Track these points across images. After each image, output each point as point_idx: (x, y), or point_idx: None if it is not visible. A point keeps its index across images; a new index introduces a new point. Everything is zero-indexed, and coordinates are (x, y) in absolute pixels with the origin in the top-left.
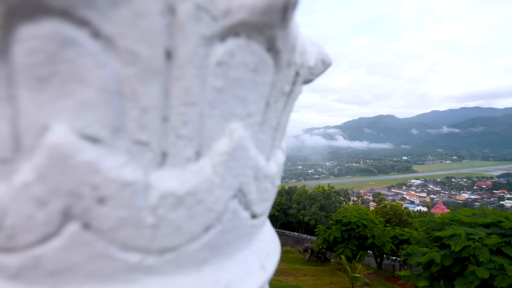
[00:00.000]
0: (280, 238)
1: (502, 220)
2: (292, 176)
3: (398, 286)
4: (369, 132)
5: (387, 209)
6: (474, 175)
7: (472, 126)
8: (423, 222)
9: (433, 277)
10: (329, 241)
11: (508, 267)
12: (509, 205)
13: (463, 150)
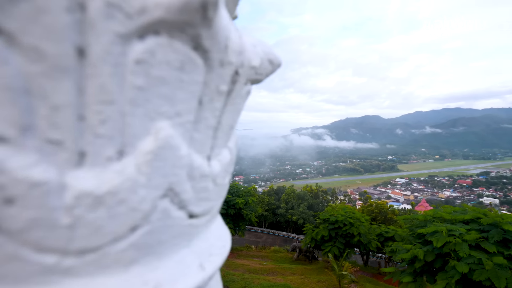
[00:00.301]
0: (268, 237)
1: (480, 216)
2: (280, 176)
3: (384, 282)
4: (356, 132)
5: (373, 208)
6: (455, 174)
7: (453, 127)
8: (407, 219)
9: (416, 272)
10: (317, 240)
11: (485, 261)
12: (487, 202)
13: (445, 149)
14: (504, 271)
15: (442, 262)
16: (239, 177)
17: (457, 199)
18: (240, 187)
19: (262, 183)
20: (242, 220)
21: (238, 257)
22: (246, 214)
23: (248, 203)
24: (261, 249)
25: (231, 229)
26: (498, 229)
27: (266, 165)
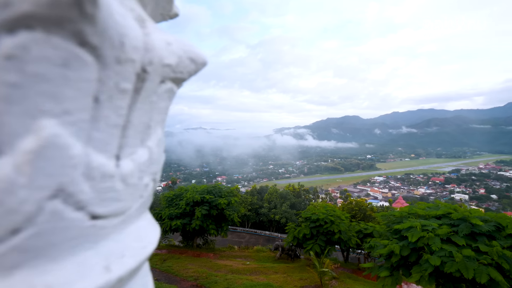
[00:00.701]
0: (251, 237)
1: (451, 211)
2: (263, 175)
3: (363, 278)
4: (337, 132)
5: (353, 205)
6: (429, 172)
7: (427, 127)
8: (384, 216)
9: (393, 267)
10: (299, 238)
11: (456, 254)
12: (458, 198)
13: (420, 148)
14: (472, 262)
15: (416, 256)
16: (222, 178)
17: (431, 196)
18: (223, 187)
19: (245, 183)
20: (224, 220)
21: (221, 258)
22: (228, 214)
23: (231, 203)
24: (244, 249)
25: (213, 230)
26: (467, 223)
27: (249, 165)
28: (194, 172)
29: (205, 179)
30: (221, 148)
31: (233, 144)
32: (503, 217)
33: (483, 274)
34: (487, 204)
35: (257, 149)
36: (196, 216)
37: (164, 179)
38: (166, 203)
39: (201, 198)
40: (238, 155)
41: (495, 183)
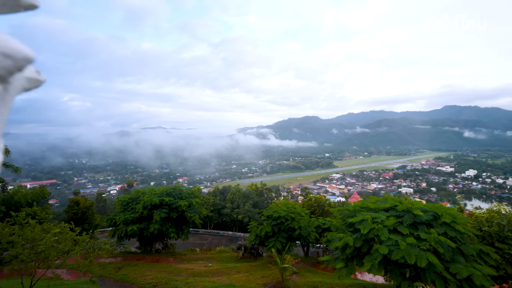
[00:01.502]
0: (214, 238)
1: (397, 204)
2: (226, 175)
3: (322, 270)
4: (298, 132)
5: (312, 202)
6: (380, 168)
7: (378, 127)
8: (339, 211)
9: (348, 258)
10: (261, 237)
11: (401, 242)
12: (404, 191)
13: (372, 147)
14: (414, 249)
15: (368, 246)
16: (183, 179)
17: (382, 190)
18: (183, 189)
19: (207, 184)
20: (185, 223)
21: (182, 262)
22: (189, 216)
23: (192, 205)
24: (206, 251)
25: (173, 234)
26: (410, 214)
27: (212, 165)
28: (153, 173)
29: (165, 181)
30: (182, 148)
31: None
32: (439, 207)
33: (423, 259)
34: (428, 196)
35: (220, 149)
36: (154, 220)
37: (119, 182)
38: (121, 208)
39: (159, 201)
40: (200, 155)
41: (434, 177)
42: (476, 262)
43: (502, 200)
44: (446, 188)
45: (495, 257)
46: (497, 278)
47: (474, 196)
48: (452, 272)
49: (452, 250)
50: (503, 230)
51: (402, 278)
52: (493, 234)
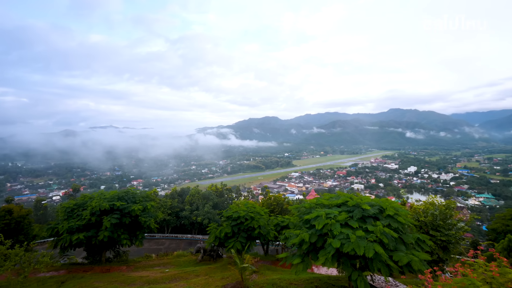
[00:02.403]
0: (172, 243)
1: (348, 200)
2: (185, 176)
3: (280, 267)
4: (258, 132)
5: (271, 201)
6: (335, 166)
7: (333, 127)
8: (296, 208)
9: (304, 253)
10: (221, 238)
11: (351, 235)
12: (356, 188)
13: (327, 146)
14: (363, 241)
15: (322, 241)
16: (138, 181)
17: (336, 187)
18: (137, 192)
19: (165, 186)
20: (140, 228)
21: (136, 270)
22: (144, 221)
23: (147, 208)
24: (163, 256)
25: (126, 240)
26: (359, 208)
27: (170, 166)
28: (104, 176)
29: (118, 184)
30: (137, 148)
31: (151, 144)
32: (384, 201)
33: (370, 250)
34: (377, 191)
35: (179, 149)
36: (104, 227)
37: (64, 186)
38: (64, 215)
39: (110, 206)
40: (157, 156)
41: (381, 174)
42: (414, 249)
43: (437, 192)
44: (392, 183)
45: (430, 244)
46: (431, 262)
47: (414, 190)
48: (395, 260)
49: (395, 240)
50: (436, 219)
51: (353, 269)
52: (428, 223)
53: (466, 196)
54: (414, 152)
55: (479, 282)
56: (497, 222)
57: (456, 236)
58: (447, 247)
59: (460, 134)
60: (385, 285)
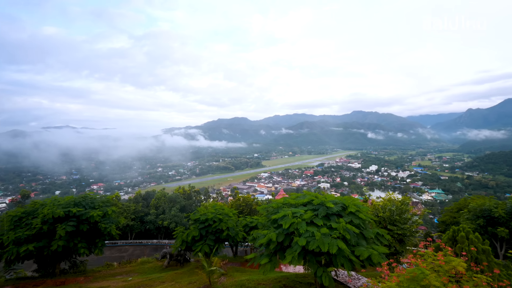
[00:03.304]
0: (136, 249)
1: (313, 198)
2: (151, 179)
3: (249, 268)
4: (227, 133)
5: (241, 202)
6: (303, 166)
7: (300, 128)
8: (264, 208)
9: (271, 253)
10: (188, 242)
11: (316, 233)
12: (322, 187)
13: (295, 147)
14: (327, 238)
15: (289, 240)
16: (99, 185)
17: (304, 186)
18: (96, 197)
19: (128, 189)
20: (99, 235)
21: (95, 280)
22: (104, 227)
23: (108, 214)
24: (126, 264)
25: (84, 249)
26: (324, 207)
27: (134, 169)
28: (59, 181)
29: (75, 189)
30: (98, 150)
31: (113, 145)
32: (347, 199)
33: (334, 246)
34: (342, 189)
35: (144, 151)
36: (58, 236)
37: (11, 193)
38: (11, 224)
39: (65, 213)
40: (120, 158)
41: (346, 173)
42: (374, 243)
43: (395, 189)
44: (355, 181)
45: (388, 238)
46: (389, 255)
47: (375, 187)
48: (356, 255)
49: (356, 235)
50: (393, 214)
51: (318, 266)
52: (386, 218)
53: (420, 192)
54: (375, 152)
55: (428, 271)
56: (446, 215)
57: (411, 229)
58: (403, 239)
59: (415, 135)
60: (348, 279)
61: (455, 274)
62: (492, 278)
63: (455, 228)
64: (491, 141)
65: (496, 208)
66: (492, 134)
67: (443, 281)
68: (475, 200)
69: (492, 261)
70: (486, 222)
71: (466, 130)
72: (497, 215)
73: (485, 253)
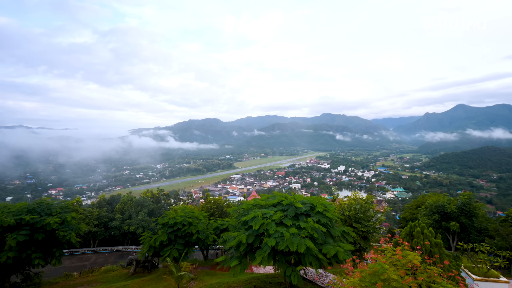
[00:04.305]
0: (99, 257)
1: (283, 199)
2: (117, 183)
3: (220, 271)
4: (199, 134)
5: (212, 204)
6: (274, 167)
7: (272, 130)
8: (234, 210)
9: (242, 255)
10: (155, 247)
11: (285, 233)
12: (293, 187)
13: (268, 148)
14: (296, 238)
15: (259, 241)
16: (58, 190)
17: (276, 187)
18: (53, 203)
19: (92, 194)
20: (57, 244)
21: None
22: (63, 235)
23: (67, 221)
24: (87, 274)
25: (39, 260)
26: (293, 207)
27: (98, 172)
28: (11, 186)
29: (30, 195)
30: (57, 152)
31: (74, 147)
32: (315, 199)
33: (302, 245)
34: (312, 190)
35: (109, 153)
36: (7, 246)
37: None
38: None
39: (16, 221)
40: (82, 161)
41: (316, 173)
42: (341, 241)
43: (362, 189)
44: (325, 182)
45: (353, 235)
46: (355, 251)
47: (343, 187)
48: (324, 253)
49: (324, 234)
50: (358, 213)
51: (287, 265)
52: (351, 216)
53: (384, 191)
54: (343, 153)
55: (387, 265)
56: (406, 212)
57: (374, 226)
58: (367, 236)
59: (379, 136)
60: (316, 276)
61: (411, 267)
62: (442, 269)
63: (412, 224)
64: (445, 143)
65: (448, 204)
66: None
67: (401, 274)
68: (431, 197)
69: (444, 253)
70: (441, 217)
71: (424, 133)
72: (449, 211)
73: (438, 246)
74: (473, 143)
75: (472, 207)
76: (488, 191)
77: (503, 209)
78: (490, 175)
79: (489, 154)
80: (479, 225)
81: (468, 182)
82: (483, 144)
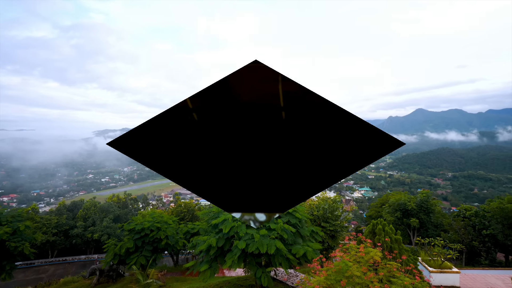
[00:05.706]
0: (58, 268)
1: None
2: (79, 188)
3: (190, 277)
4: None
5: (182, 208)
6: None
7: None
8: (204, 213)
9: (212, 259)
10: (121, 254)
11: (255, 235)
12: None
13: None
14: (266, 239)
15: (230, 244)
16: (11, 197)
17: None
18: (4, 210)
19: (51, 200)
20: (8, 257)
21: None
22: (14, 247)
23: (19, 230)
24: (44, 287)
25: None
26: None
27: (59, 176)
28: None
29: None
30: (10, 155)
31: (31, 149)
32: None
33: (272, 247)
34: None
35: (71, 156)
36: None
37: None
38: None
39: None
40: (40, 164)
41: None
42: (310, 241)
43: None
44: None
45: (322, 234)
46: (323, 250)
47: None
48: (293, 253)
49: (293, 234)
50: (326, 212)
51: (258, 267)
52: (320, 216)
53: (352, 190)
54: None
55: (351, 262)
56: (372, 210)
57: (341, 225)
58: (335, 235)
59: None
60: (286, 277)
61: (373, 263)
62: (401, 263)
63: (374, 222)
64: (407, 144)
65: (409, 202)
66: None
67: (363, 271)
68: (394, 196)
69: (403, 248)
70: (402, 214)
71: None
72: (410, 208)
73: (397, 242)
74: (430, 144)
75: (430, 204)
76: (444, 188)
77: (456, 205)
78: (445, 174)
79: (444, 154)
80: (435, 220)
81: (427, 180)
82: (439, 145)
